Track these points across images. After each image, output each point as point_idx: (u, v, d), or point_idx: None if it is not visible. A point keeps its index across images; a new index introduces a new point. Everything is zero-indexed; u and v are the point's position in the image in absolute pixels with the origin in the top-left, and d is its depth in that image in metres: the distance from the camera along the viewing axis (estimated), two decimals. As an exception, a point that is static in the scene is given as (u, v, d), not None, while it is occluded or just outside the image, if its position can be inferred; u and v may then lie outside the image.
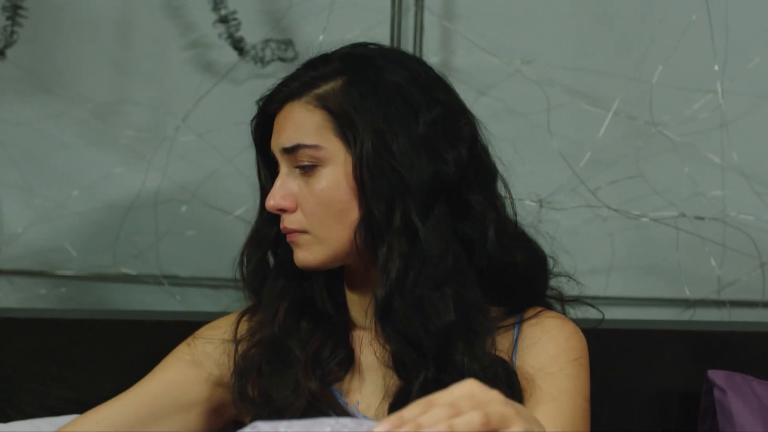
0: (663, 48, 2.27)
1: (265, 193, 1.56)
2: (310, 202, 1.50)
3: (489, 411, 1.03)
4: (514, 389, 1.48)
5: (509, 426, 1.05)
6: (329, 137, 1.49)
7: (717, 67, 2.26)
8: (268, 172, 1.58)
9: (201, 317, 1.74)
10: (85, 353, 2.09)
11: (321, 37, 2.23)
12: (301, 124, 1.50)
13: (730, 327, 2.19)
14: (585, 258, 2.32)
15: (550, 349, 1.53)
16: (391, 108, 1.48)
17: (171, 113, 2.36)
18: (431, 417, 1.02)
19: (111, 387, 1.67)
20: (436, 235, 1.48)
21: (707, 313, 2.34)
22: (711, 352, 2.06)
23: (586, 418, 1.51)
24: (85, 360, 2.08)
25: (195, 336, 1.66)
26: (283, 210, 1.52)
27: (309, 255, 1.52)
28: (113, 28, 2.36)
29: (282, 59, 2.29)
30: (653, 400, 2.08)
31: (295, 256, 1.54)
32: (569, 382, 1.50)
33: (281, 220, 1.53)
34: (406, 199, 1.47)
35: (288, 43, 2.30)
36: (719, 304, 2.33)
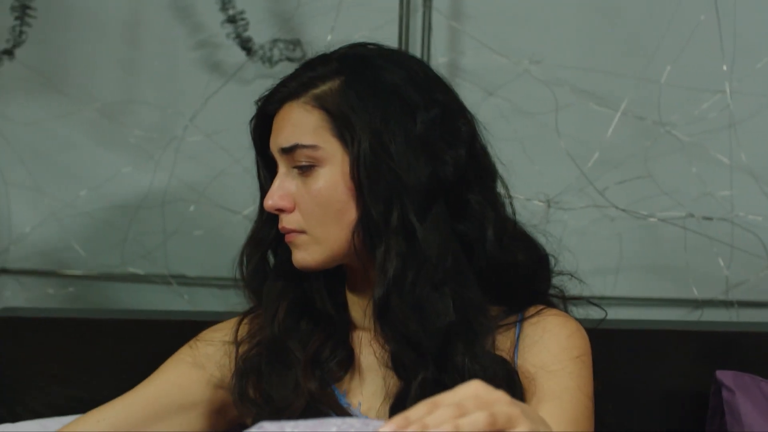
0: (671, 48, 2.26)
1: (265, 193, 1.56)
2: (307, 202, 1.50)
3: (495, 411, 1.03)
4: (514, 389, 1.48)
5: (515, 426, 1.04)
6: (327, 137, 1.49)
7: (725, 68, 2.25)
8: (267, 172, 1.58)
9: (208, 317, 1.74)
10: (93, 353, 2.09)
11: (329, 37, 2.23)
12: (299, 124, 1.50)
13: (738, 327, 2.19)
14: (593, 258, 2.32)
15: (552, 347, 1.53)
16: (389, 108, 1.48)
17: (179, 113, 2.37)
18: (437, 417, 1.02)
19: (119, 386, 1.67)
20: (434, 235, 1.48)
21: (715, 314, 2.33)
22: (719, 352, 2.06)
23: (589, 416, 1.50)
24: (93, 359, 2.08)
25: (197, 338, 1.67)
26: (281, 210, 1.52)
27: (307, 255, 1.52)
28: (121, 28, 2.37)
29: (290, 59, 2.29)
30: (661, 400, 2.07)
31: (293, 256, 1.54)
32: (572, 380, 1.50)
33: (279, 220, 1.53)
34: (403, 200, 1.47)
35: (296, 43, 2.31)
36: (727, 304, 2.33)
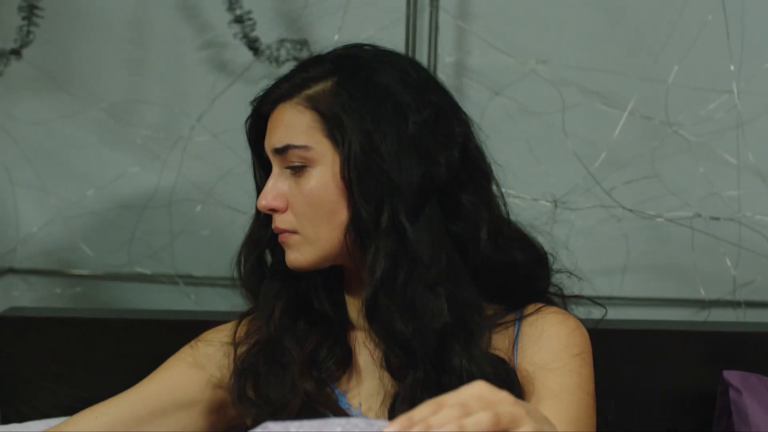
0: (678, 48, 2.26)
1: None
2: (299, 202, 1.50)
3: (499, 411, 1.03)
4: (513, 388, 1.47)
5: (519, 426, 1.04)
6: (318, 138, 1.49)
7: (733, 67, 2.25)
8: (263, 172, 1.59)
9: (215, 316, 1.74)
10: (100, 352, 2.10)
11: (336, 37, 2.23)
12: (292, 124, 1.51)
13: (745, 327, 2.19)
14: (600, 258, 2.32)
15: (551, 345, 1.53)
16: (381, 109, 1.48)
17: (186, 113, 2.37)
18: (441, 417, 1.02)
19: (126, 386, 1.67)
20: (426, 236, 1.48)
21: (722, 314, 2.33)
22: (726, 352, 2.06)
23: (590, 414, 1.50)
24: (100, 359, 2.09)
25: (198, 339, 1.68)
26: (274, 210, 1.53)
27: (299, 256, 1.53)
28: (128, 28, 2.37)
29: (297, 59, 2.29)
30: (668, 400, 2.07)
31: (287, 257, 1.55)
32: (572, 378, 1.50)
33: (273, 220, 1.54)
34: (394, 200, 1.47)
35: (303, 43, 2.30)
36: (734, 304, 2.32)
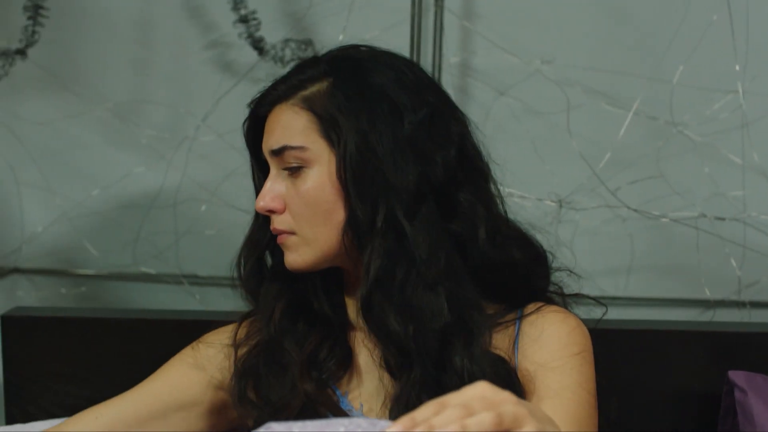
0: (684, 48, 2.26)
1: None
2: (297, 202, 1.51)
3: (501, 411, 1.03)
4: (513, 387, 1.47)
5: (522, 426, 1.04)
6: (315, 138, 1.50)
7: (738, 67, 2.25)
8: (261, 174, 1.59)
9: (220, 316, 1.74)
10: (105, 352, 2.10)
11: (341, 37, 2.24)
12: (288, 126, 1.51)
13: (750, 328, 2.18)
14: (604, 258, 2.32)
15: (552, 344, 1.53)
16: (376, 109, 1.49)
17: (191, 113, 2.37)
18: (444, 418, 1.02)
19: (131, 386, 1.67)
20: (423, 235, 1.48)
21: (727, 314, 2.33)
22: (731, 352, 2.06)
23: (592, 413, 1.50)
24: (105, 359, 2.09)
25: (200, 340, 1.68)
26: (272, 211, 1.54)
27: (297, 257, 1.53)
28: (133, 28, 2.37)
29: (302, 59, 2.27)
30: (673, 400, 2.07)
31: (285, 258, 1.55)
32: (572, 377, 1.50)
33: (271, 221, 1.55)
34: (391, 200, 1.47)
35: (308, 43, 2.30)
36: (739, 304, 2.32)
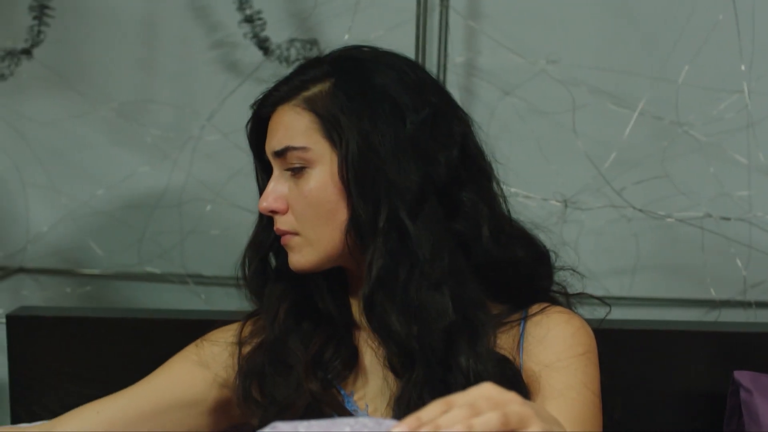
0: (689, 48, 2.25)
1: None
2: (300, 203, 1.51)
3: (507, 411, 1.03)
4: (518, 388, 1.48)
5: (528, 426, 1.05)
6: (317, 138, 1.50)
7: (744, 67, 2.25)
8: (265, 175, 1.60)
9: (225, 316, 1.74)
10: (110, 352, 2.10)
11: (346, 37, 2.23)
12: (290, 126, 1.52)
13: (756, 328, 2.18)
14: (610, 258, 2.32)
15: (556, 345, 1.53)
16: (378, 110, 1.49)
17: (196, 112, 2.37)
18: (450, 417, 1.02)
19: (136, 386, 1.68)
20: (426, 235, 1.48)
21: (733, 314, 2.33)
22: (737, 352, 2.06)
23: (596, 413, 1.50)
24: (110, 358, 2.09)
25: (204, 338, 1.68)
26: (275, 212, 1.54)
27: (301, 258, 1.54)
28: (139, 27, 2.37)
29: (307, 59, 2.28)
30: (679, 400, 2.07)
31: (289, 259, 1.56)
32: (577, 377, 1.50)
33: (274, 221, 1.55)
34: (393, 200, 1.48)
35: (313, 43, 2.30)
36: (745, 305, 2.32)
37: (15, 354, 2.11)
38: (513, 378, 1.49)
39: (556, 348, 1.53)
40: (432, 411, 1.04)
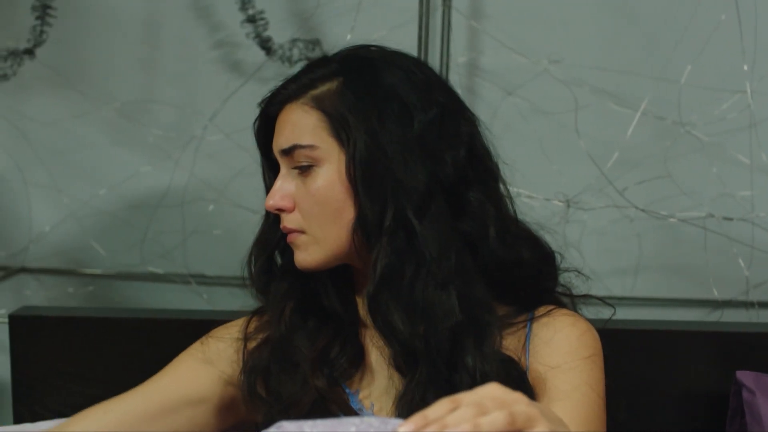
0: (691, 48, 2.26)
1: None
2: (307, 201, 1.51)
3: (514, 411, 1.03)
4: (524, 389, 1.47)
5: (534, 426, 1.05)
6: (324, 137, 1.50)
7: (746, 67, 2.25)
8: (272, 173, 1.59)
9: (227, 316, 1.74)
10: (113, 352, 2.10)
11: (348, 37, 2.23)
12: (298, 125, 1.51)
13: (758, 328, 2.18)
14: (612, 258, 2.32)
15: (563, 348, 1.53)
16: (386, 109, 1.49)
17: (198, 112, 2.37)
18: (456, 416, 1.02)
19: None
20: (433, 234, 1.48)
21: (735, 314, 2.33)
22: (739, 352, 2.06)
23: (601, 415, 1.50)
24: (113, 358, 2.09)
25: (209, 335, 1.68)
26: (282, 210, 1.54)
27: (307, 256, 1.54)
28: (141, 27, 2.37)
29: (309, 59, 2.28)
30: (681, 400, 2.07)
31: (295, 257, 1.55)
32: (583, 379, 1.50)
33: (281, 219, 1.55)
34: (400, 199, 1.48)
35: (315, 43, 2.30)
36: (747, 305, 2.32)
37: (17, 354, 2.10)
38: (518, 379, 1.49)
39: (562, 350, 1.53)
40: (439, 410, 1.04)
